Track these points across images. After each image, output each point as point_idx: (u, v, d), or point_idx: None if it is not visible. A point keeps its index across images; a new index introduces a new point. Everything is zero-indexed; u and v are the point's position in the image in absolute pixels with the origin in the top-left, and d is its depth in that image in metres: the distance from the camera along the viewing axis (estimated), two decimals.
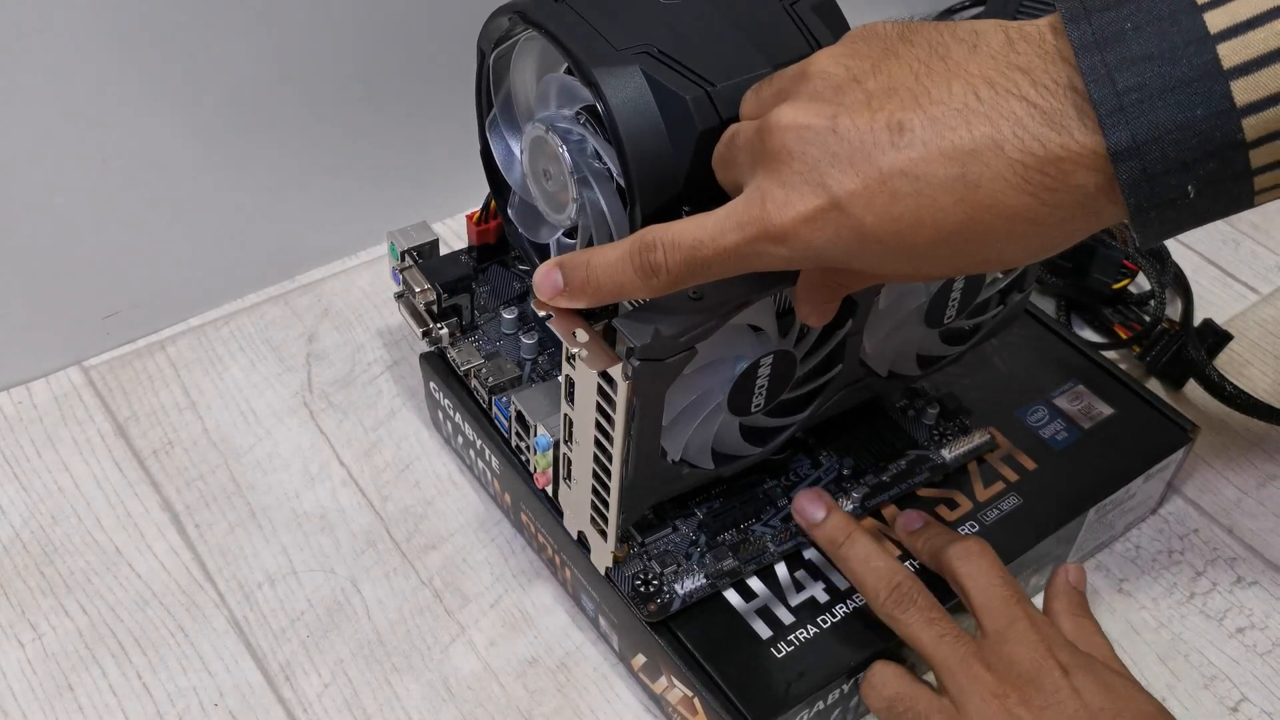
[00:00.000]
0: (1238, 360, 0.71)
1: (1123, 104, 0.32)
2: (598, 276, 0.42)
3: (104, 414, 0.65)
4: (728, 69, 0.46)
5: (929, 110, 0.35)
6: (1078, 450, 0.58)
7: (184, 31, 0.60)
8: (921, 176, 0.35)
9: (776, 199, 0.37)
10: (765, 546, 0.53)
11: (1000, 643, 0.46)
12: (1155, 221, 0.34)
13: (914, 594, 0.48)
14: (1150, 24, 0.32)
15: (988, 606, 0.48)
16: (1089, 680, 0.45)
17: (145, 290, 0.67)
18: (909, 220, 0.36)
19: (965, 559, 0.49)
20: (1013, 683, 0.45)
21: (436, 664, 0.55)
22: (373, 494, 0.62)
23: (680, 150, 0.45)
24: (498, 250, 0.62)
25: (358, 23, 0.65)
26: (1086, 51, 0.33)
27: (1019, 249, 0.36)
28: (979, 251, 0.36)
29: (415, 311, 0.59)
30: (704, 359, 0.45)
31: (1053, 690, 0.45)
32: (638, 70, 0.45)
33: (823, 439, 0.57)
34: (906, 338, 0.54)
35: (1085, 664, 0.46)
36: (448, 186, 0.75)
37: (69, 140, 0.60)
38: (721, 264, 0.40)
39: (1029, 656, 0.45)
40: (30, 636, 0.55)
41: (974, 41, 0.36)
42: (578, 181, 0.48)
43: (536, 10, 0.48)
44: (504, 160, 0.55)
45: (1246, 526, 0.63)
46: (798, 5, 0.49)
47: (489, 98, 0.54)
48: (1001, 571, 0.49)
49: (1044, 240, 0.36)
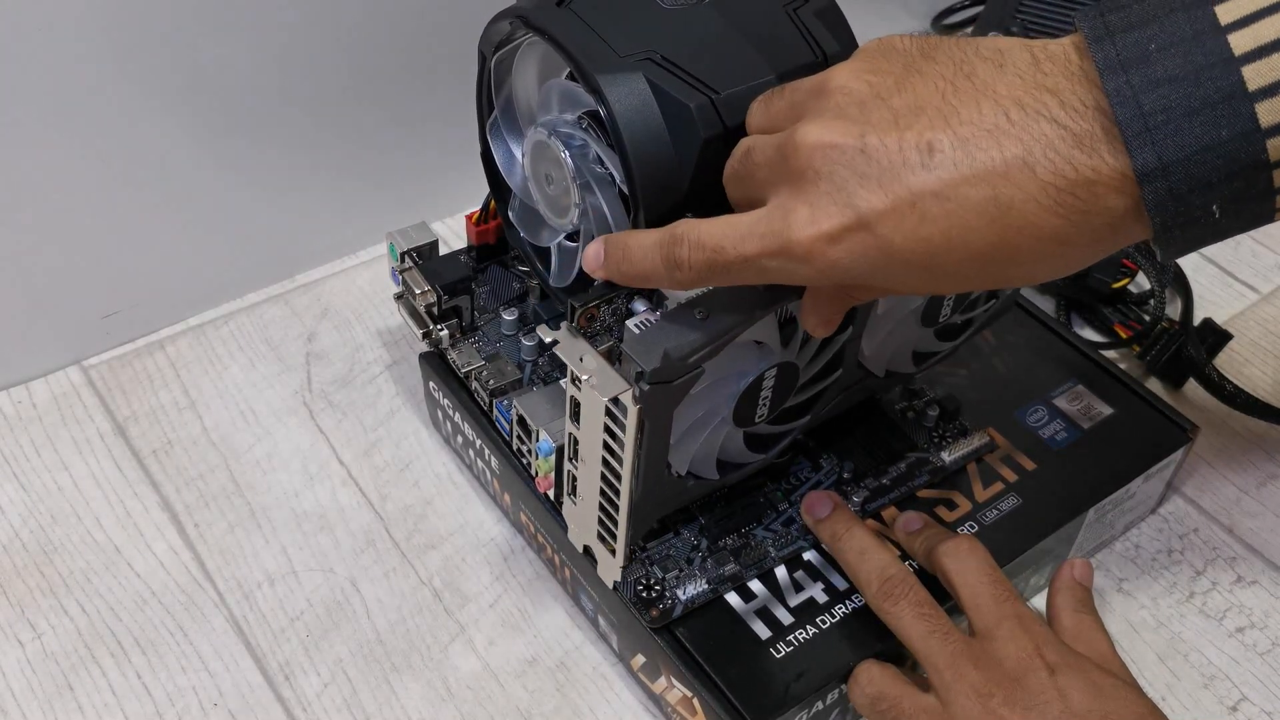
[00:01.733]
0: (1238, 359, 0.71)
1: (1149, 125, 0.32)
2: (631, 258, 0.43)
3: (103, 413, 0.65)
4: (732, 76, 0.46)
5: (959, 130, 0.35)
6: (1077, 450, 0.58)
7: (184, 31, 0.60)
8: (953, 198, 0.35)
9: (801, 217, 0.37)
10: (767, 551, 0.53)
11: (988, 641, 0.46)
12: (1179, 239, 0.34)
13: (905, 587, 0.48)
14: (1174, 45, 0.33)
15: (977, 605, 0.48)
16: (1076, 681, 0.45)
17: (145, 290, 0.67)
18: (939, 241, 0.35)
19: (955, 557, 0.49)
20: (998, 682, 0.45)
21: (436, 663, 0.55)
22: (372, 493, 0.62)
23: (684, 157, 0.45)
24: (497, 250, 0.62)
25: (357, 23, 0.65)
26: (1112, 73, 0.33)
27: (1045, 268, 0.36)
28: (1005, 271, 0.36)
29: (415, 313, 0.58)
30: (710, 377, 0.45)
31: (1038, 690, 0.44)
32: (641, 77, 0.45)
33: (823, 442, 0.57)
34: (903, 338, 0.54)
35: (1074, 664, 0.46)
36: (447, 186, 0.75)
37: (69, 140, 0.60)
38: (741, 271, 0.40)
39: (1015, 655, 0.45)
40: (30, 636, 0.55)
41: (999, 60, 0.35)
42: (580, 186, 0.48)
43: (539, 15, 0.47)
44: (505, 163, 0.55)
45: (1246, 526, 0.63)
46: (801, 10, 0.49)
47: (490, 101, 0.54)
48: (992, 570, 0.49)
49: (1070, 260, 0.36)
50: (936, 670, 0.46)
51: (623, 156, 0.45)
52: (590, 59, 0.45)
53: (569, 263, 0.54)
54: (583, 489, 0.49)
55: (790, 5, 0.49)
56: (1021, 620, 0.47)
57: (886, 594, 0.48)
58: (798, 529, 0.53)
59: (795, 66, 0.46)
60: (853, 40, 0.49)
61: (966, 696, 0.45)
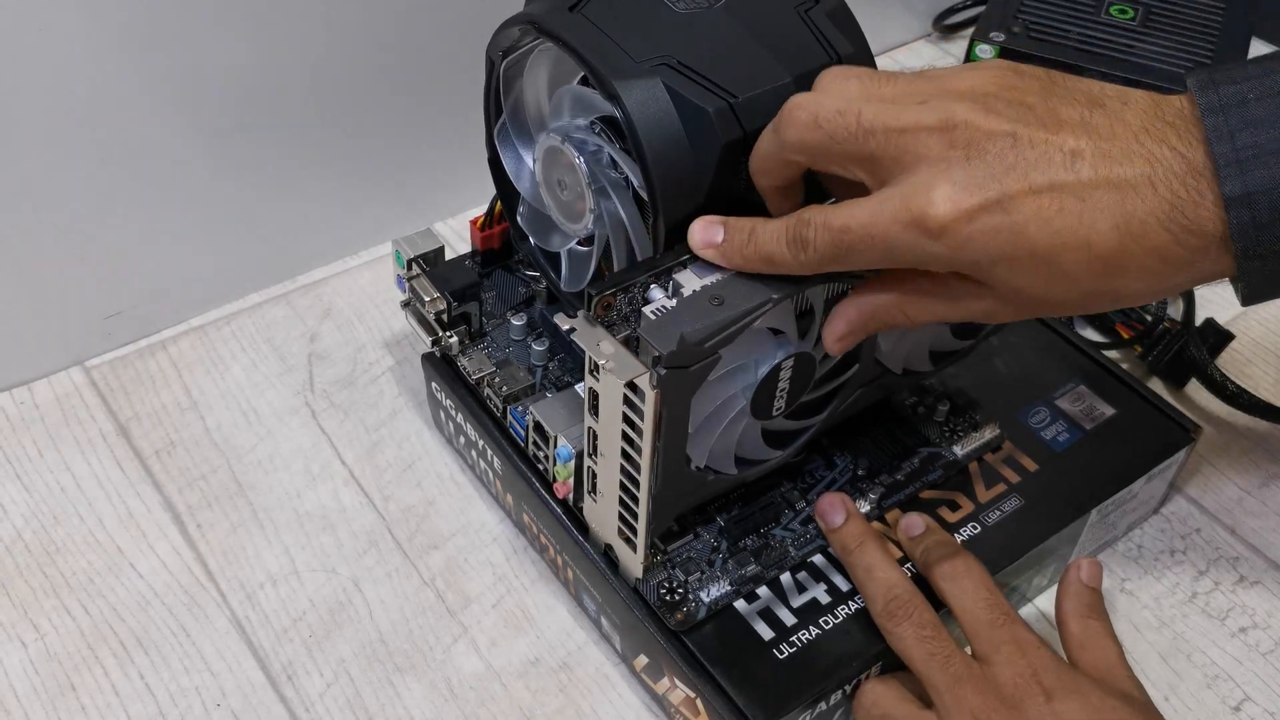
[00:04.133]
0: (1239, 359, 0.71)
1: (1239, 159, 0.37)
2: (757, 240, 0.44)
3: (106, 414, 0.65)
4: (749, 80, 0.46)
5: (1098, 143, 0.39)
6: (1079, 451, 0.58)
7: (186, 31, 0.60)
8: (1088, 199, 0.39)
9: (942, 193, 0.39)
10: (787, 551, 0.53)
11: (987, 665, 0.47)
12: (1259, 272, 0.39)
13: (910, 608, 0.48)
14: (1269, 97, 0.38)
15: (974, 630, 0.48)
16: (1074, 705, 0.45)
17: (147, 290, 0.67)
18: (1068, 235, 0.39)
19: (952, 580, 0.49)
20: (995, 708, 0.45)
21: (439, 664, 0.55)
22: (374, 494, 0.62)
23: (703, 162, 0.45)
24: (501, 255, 0.62)
25: (360, 22, 0.65)
26: (1212, 114, 0.38)
27: (1144, 285, 0.40)
28: (1111, 282, 0.40)
29: (424, 320, 0.58)
30: (726, 364, 0.45)
31: (1036, 717, 0.45)
32: (659, 82, 0.45)
33: (836, 440, 0.57)
34: (921, 335, 0.54)
35: (1072, 687, 0.46)
36: (449, 186, 0.75)
37: (71, 140, 0.60)
38: (865, 250, 0.42)
39: (1013, 681, 0.46)
40: (33, 636, 0.55)
41: (1124, 99, 0.41)
42: (595, 192, 0.48)
43: (552, 21, 0.47)
44: (513, 168, 0.55)
45: (1249, 526, 0.63)
46: (812, 12, 0.49)
47: (498, 106, 0.54)
48: (989, 592, 0.49)
49: (1165, 280, 0.40)
50: (937, 693, 0.46)
51: (642, 162, 0.45)
52: (607, 65, 0.45)
53: (581, 267, 0.54)
54: (603, 484, 0.49)
55: (802, 6, 0.49)
56: (1019, 644, 0.47)
57: (890, 614, 0.48)
58: (815, 528, 0.53)
59: (811, 69, 0.46)
60: (863, 41, 0.49)
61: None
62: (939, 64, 0.94)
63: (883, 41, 0.94)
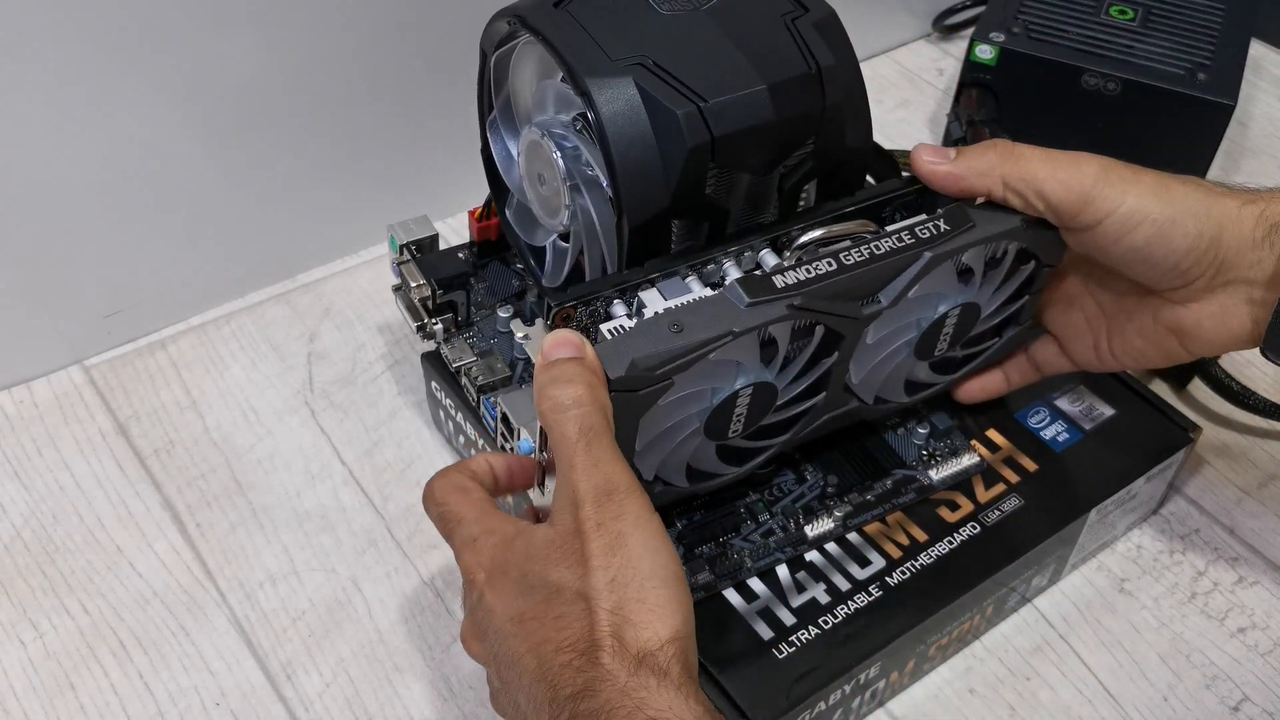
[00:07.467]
0: (1239, 359, 0.71)
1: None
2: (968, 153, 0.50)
3: (105, 413, 0.65)
4: (721, 85, 0.46)
5: (1197, 183, 0.50)
6: (1079, 451, 0.58)
7: (185, 31, 0.60)
8: (1197, 213, 0.48)
9: (1120, 174, 0.48)
10: (743, 561, 0.52)
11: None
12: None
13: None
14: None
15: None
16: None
17: (146, 289, 0.67)
18: (1186, 226, 0.48)
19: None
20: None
21: (438, 663, 0.55)
22: (374, 493, 0.62)
23: (670, 165, 0.45)
24: (498, 247, 0.62)
25: (360, 21, 0.65)
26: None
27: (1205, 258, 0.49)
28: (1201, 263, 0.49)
29: (411, 305, 0.59)
30: (680, 390, 0.44)
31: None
32: (631, 82, 0.45)
33: (808, 454, 0.55)
34: (896, 368, 0.52)
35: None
36: (449, 185, 0.75)
37: (69, 140, 0.60)
38: (1026, 183, 0.48)
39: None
40: (32, 635, 0.55)
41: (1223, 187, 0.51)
42: (570, 188, 0.48)
43: (535, 16, 0.47)
44: (503, 162, 0.55)
45: (1248, 526, 0.63)
46: (799, 21, 0.48)
47: (490, 99, 0.54)
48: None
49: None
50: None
51: (607, 160, 0.45)
52: (581, 62, 0.45)
53: (561, 262, 0.54)
54: (549, 480, 0.49)
55: (789, 15, 0.49)
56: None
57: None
58: (776, 541, 0.52)
59: (787, 77, 0.46)
60: (850, 52, 0.49)
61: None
62: (939, 64, 0.94)
63: (883, 42, 0.94)
